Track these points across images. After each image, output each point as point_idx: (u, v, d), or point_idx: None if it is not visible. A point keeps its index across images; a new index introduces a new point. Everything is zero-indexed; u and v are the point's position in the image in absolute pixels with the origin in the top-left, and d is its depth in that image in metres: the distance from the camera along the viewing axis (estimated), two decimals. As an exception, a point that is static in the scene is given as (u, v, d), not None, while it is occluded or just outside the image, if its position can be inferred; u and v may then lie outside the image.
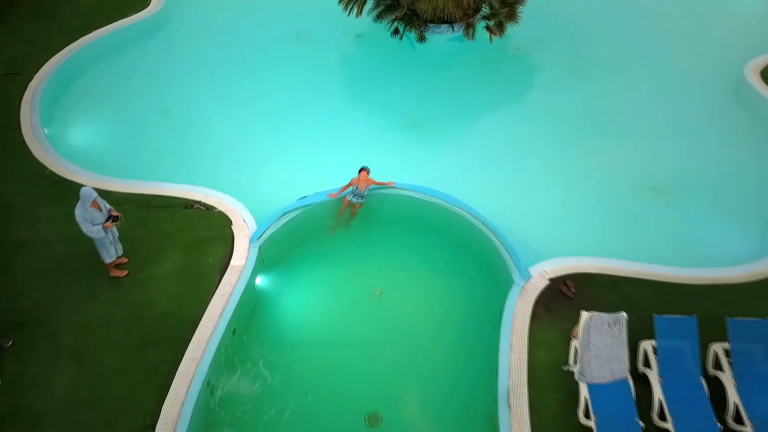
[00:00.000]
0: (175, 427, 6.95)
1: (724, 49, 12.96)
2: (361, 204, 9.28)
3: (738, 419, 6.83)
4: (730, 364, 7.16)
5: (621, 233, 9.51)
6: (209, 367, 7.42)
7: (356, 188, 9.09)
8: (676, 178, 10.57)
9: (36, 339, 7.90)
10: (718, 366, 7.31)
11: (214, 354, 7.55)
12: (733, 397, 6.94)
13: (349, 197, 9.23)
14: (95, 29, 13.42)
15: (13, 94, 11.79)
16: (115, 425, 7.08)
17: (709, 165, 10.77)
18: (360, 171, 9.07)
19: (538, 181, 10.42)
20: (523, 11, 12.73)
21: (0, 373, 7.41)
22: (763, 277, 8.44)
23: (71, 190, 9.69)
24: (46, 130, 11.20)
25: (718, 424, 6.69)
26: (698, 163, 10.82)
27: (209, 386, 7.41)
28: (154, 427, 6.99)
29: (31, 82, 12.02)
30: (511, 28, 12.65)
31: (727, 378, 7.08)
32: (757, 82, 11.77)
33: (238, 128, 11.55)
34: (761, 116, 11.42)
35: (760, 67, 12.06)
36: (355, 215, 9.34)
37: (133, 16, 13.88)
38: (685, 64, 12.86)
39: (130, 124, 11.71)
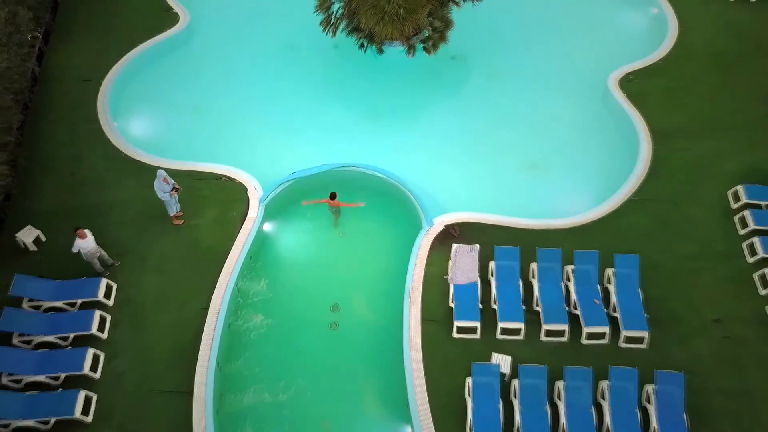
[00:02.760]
0: (218, 309, 12.19)
1: (598, 61, 17.47)
2: (339, 214, 13.77)
3: (537, 305, 12.04)
4: (539, 275, 12.32)
5: (500, 196, 14.48)
6: (237, 277, 12.62)
7: (329, 206, 13.64)
8: (549, 158, 15.45)
9: (131, 261, 13.08)
10: (533, 276, 12.48)
11: (239, 270, 12.71)
12: (536, 293, 12.13)
13: (329, 208, 13.72)
14: (141, 42, 17.88)
15: (90, 96, 16.45)
16: (184, 308, 12.32)
17: (572, 150, 15.60)
18: (330, 196, 13.15)
19: (452, 158, 15.28)
20: (461, 26, 17.01)
21: (115, 278, 12.61)
22: (576, 225, 13.49)
23: (139, 166, 14.73)
24: (116, 124, 16.02)
25: (524, 306, 11.92)
26: (565, 149, 15.64)
27: (237, 287, 12.64)
28: (207, 309, 12.23)
29: (101, 87, 16.69)
30: (449, 40, 16.94)
31: (535, 283, 12.27)
32: (615, 89, 16.44)
33: (248, 120, 16.28)
34: (616, 115, 16.13)
35: (618, 77, 16.68)
36: (337, 221, 13.86)
37: (168, 30, 18.32)
38: (570, 72, 17.42)
39: (173, 117, 16.50)
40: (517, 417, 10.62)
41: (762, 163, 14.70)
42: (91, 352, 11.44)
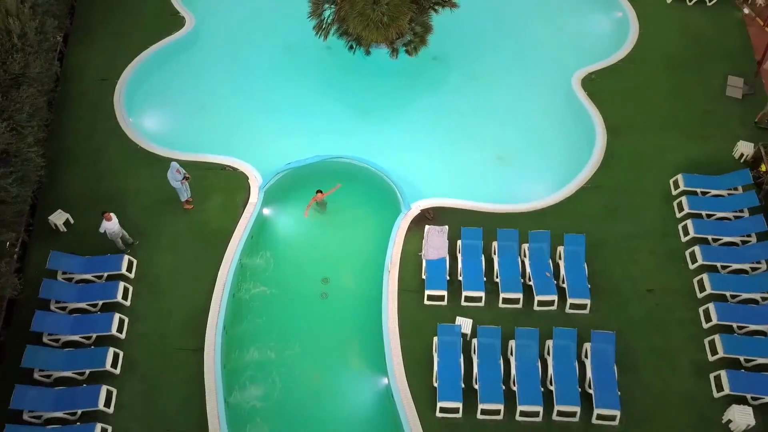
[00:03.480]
0: (224, 281, 14.28)
1: (564, 61, 19.36)
2: (324, 205, 15.76)
3: (496, 277, 14.10)
4: (498, 252, 14.41)
5: (470, 184, 16.45)
6: (240, 254, 14.69)
7: (316, 202, 15.60)
8: (515, 150, 17.44)
9: (149, 240, 15.14)
10: (494, 253, 14.56)
11: (242, 248, 14.78)
12: (496, 267, 14.22)
13: (315, 206, 15.70)
14: (151, 44, 19.75)
15: (107, 94, 18.38)
16: (195, 280, 14.40)
17: (536, 143, 17.58)
18: (317, 192, 15.16)
19: (430, 150, 17.19)
20: (442, 29, 18.87)
21: (135, 255, 14.70)
22: (535, 209, 15.54)
23: (153, 158, 16.73)
24: (131, 119, 18.01)
25: (485, 278, 14.01)
26: (530, 141, 17.61)
27: (240, 262, 14.73)
28: (214, 281, 14.32)
29: (117, 86, 18.63)
30: (430, 42, 18.80)
31: (495, 258, 14.36)
32: (578, 88, 18.40)
33: (249, 115, 18.19)
34: (577, 111, 18.09)
35: (581, 77, 18.63)
36: (324, 209, 15.90)
37: (175, 33, 20.19)
38: (538, 72, 19.30)
39: (181, 113, 18.42)
40: (475, 370, 12.77)
41: (701, 155, 16.72)
42: (117, 316, 13.56)
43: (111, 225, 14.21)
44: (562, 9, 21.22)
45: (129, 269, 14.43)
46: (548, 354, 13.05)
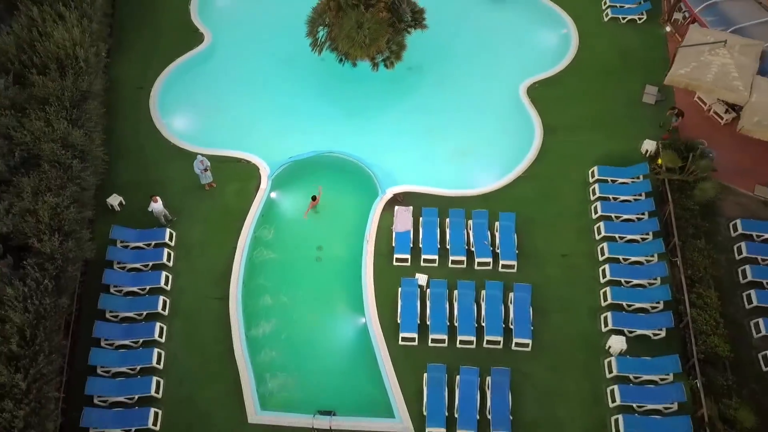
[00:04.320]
0: (243, 248, 19.02)
1: (514, 72, 23.80)
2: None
3: (447, 244, 18.85)
4: (450, 226, 19.11)
5: (432, 173, 21.07)
6: (253, 228, 19.42)
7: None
8: (471, 145, 22.03)
9: (183, 217, 19.84)
10: (447, 227, 19.27)
11: (255, 223, 19.52)
12: (448, 237, 18.95)
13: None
14: (177, 57, 24.21)
15: (143, 100, 22.90)
16: (220, 247, 19.11)
17: (488, 140, 22.17)
18: (312, 199, 19.61)
19: (403, 145, 21.77)
20: (417, 44, 23.23)
21: (174, 228, 19.42)
22: (481, 193, 20.21)
23: (182, 152, 21.34)
24: (164, 121, 22.59)
25: (438, 245, 18.75)
26: (484, 139, 22.20)
27: (254, 234, 19.46)
28: (235, 248, 19.05)
29: (151, 93, 23.17)
30: (406, 55, 23.13)
31: (447, 231, 19.07)
32: (524, 95, 22.92)
33: (258, 117, 22.70)
34: (522, 114, 22.63)
35: (527, 86, 23.14)
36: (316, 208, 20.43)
37: (196, 48, 24.64)
38: (494, 81, 23.72)
39: (203, 115, 22.97)
40: (428, 311, 17.57)
41: (616, 150, 21.30)
42: (164, 273, 18.36)
43: (157, 205, 18.93)
44: (516, 27, 25.64)
45: (170, 239, 19.16)
46: (482, 300, 17.83)
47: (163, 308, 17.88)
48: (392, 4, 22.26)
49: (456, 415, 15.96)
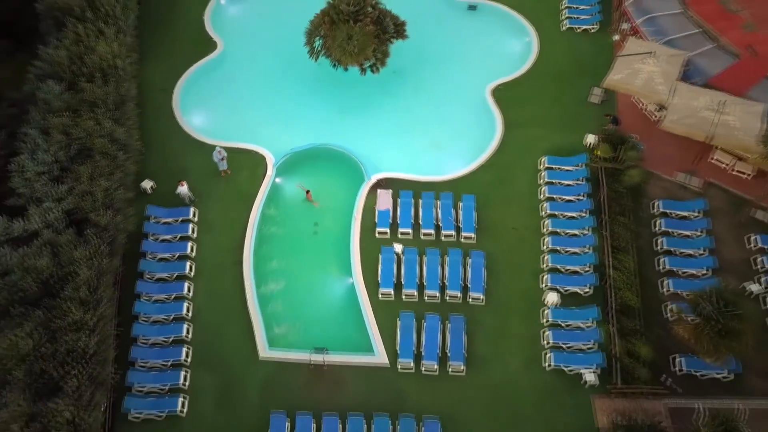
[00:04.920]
0: (254, 223, 23.55)
1: (482, 75, 28.13)
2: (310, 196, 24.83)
3: (419, 221, 23.34)
4: (422, 206, 23.62)
5: (410, 161, 25.54)
6: (262, 207, 23.94)
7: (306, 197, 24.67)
8: (444, 138, 26.45)
9: (204, 198, 24.33)
10: (419, 206, 23.78)
11: (263, 203, 24.04)
12: (420, 214, 23.47)
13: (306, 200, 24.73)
14: (194, 62, 28.56)
15: (166, 101, 27.27)
16: (235, 222, 23.64)
17: (459, 134, 26.59)
18: (306, 192, 24.31)
19: (386, 138, 26.22)
20: (401, 51, 27.51)
21: (197, 207, 23.94)
22: (449, 179, 24.66)
23: (201, 145, 25.80)
24: (184, 117, 27.03)
25: (412, 221, 23.27)
26: (455, 133, 26.63)
27: (261, 212, 23.97)
28: (247, 223, 23.56)
29: (173, 94, 27.57)
30: (389, 61, 27.40)
31: (420, 210, 23.61)
32: (489, 96, 27.31)
33: (265, 114, 27.14)
34: (487, 112, 27.02)
35: (492, 87, 27.51)
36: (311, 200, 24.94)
37: (210, 54, 28.98)
38: (465, 83, 28.05)
39: (218, 113, 27.38)
40: (403, 273, 22.11)
41: (563, 143, 25.67)
42: (190, 243, 22.91)
43: (183, 188, 23.45)
44: (486, 35, 29.92)
45: (194, 216, 23.68)
46: (446, 264, 22.36)
47: (190, 270, 22.43)
48: (377, 19, 26.56)
49: (422, 351, 20.53)
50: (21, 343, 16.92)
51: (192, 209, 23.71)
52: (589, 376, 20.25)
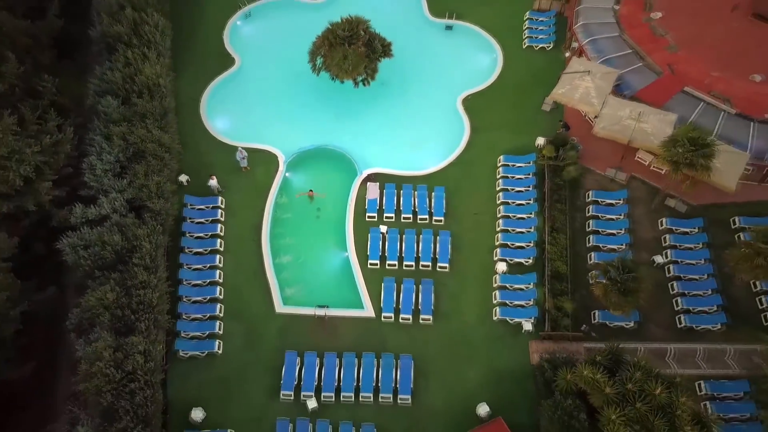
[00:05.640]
0: (269, 209, 30.20)
1: (455, 86, 34.54)
2: (312, 198, 31.35)
3: (401, 207, 29.99)
4: (402, 195, 30.22)
5: (395, 160, 32.13)
6: (275, 196, 30.57)
7: (306, 195, 31.20)
8: (423, 140, 33.03)
9: (228, 189, 30.99)
10: (401, 196, 30.39)
11: (276, 193, 30.66)
12: (401, 202, 30.09)
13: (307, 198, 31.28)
14: (217, 75, 34.98)
15: (195, 108, 33.79)
16: (253, 209, 30.31)
17: (435, 136, 33.14)
18: (309, 191, 30.95)
19: (376, 139, 32.81)
20: (386, 66, 33.91)
21: (224, 196, 30.57)
22: (425, 174, 31.27)
23: (225, 146, 32.41)
24: (211, 123, 33.57)
25: (395, 207, 29.92)
26: (432, 135, 33.19)
27: (275, 200, 30.64)
28: (263, 209, 30.23)
29: (200, 102, 34.05)
30: (378, 75, 33.78)
31: (401, 199, 30.23)
32: (459, 105, 33.78)
33: (277, 119, 33.67)
34: (457, 119, 33.52)
35: (462, 97, 33.95)
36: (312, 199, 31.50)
37: (230, 69, 35.39)
38: (441, 93, 34.50)
39: (237, 118, 33.93)
40: (386, 248, 28.78)
41: (519, 144, 32.21)
42: (219, 225, 29.58)
43: (213, 182, 30.08)
44: (459, 51, 36.39)
45: (222, 203, 30.32)
46: (420, 241, 29.02)
47: (220, 246, 29.10)
48: (368, 41, 32.95)
49: (400, 307, 27.28)
50: (106, 297, 23.61)
51: (220, 198, 30.31)
52: (527, 326, 26.99)
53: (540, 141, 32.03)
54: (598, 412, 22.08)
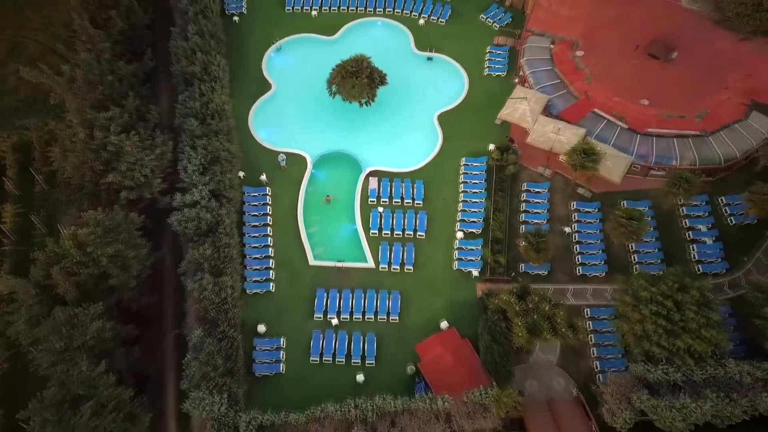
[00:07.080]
0: (302, 197, 45.06)
1: (433, 105, 48.96)
2: (329, 201, 45.99)
3: (394, 195, 44.76)
4: (394, 185, 45.00)
5: (389, 160, 46.85)
6: (306, 187, 45.40)
7: (325, 200, 45.75)
8: (407, 146, 47.66)
9: (272, 182, 45.81)
10: (393, 186, 45.15)
11: (306, 185, 45.42)
12: (394, 191, 44.86)
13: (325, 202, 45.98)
14: (258, 97, 49.51)
15: (245, 122, 48.42)
16: (291, 197, 45.25)
17: (417, 144, 47.75)
18: (327, 196, 45.65)
19: (376, 146, 47.55)
20: (384, 90, 48.13)
21: (270, 186, 45.37)
22: (411, 170, 46.02)
23: (269, 150, 47.20)
24: (256, 133, 48.22)
25: (389, 195, 44.75)
26: (415, 142, 47.81)
27: (306, 190, 45.47)
28: (298, 196, 45.07)
29: (248, 118, 48.60)
30: (379, 97, 47.98)
31: (395, 189, 44.99)
32: (436, 120, 48.32)
33: (305, 131, 48.36)
34: (434, 131, 48.06)
35: (438, 114, 48.44)
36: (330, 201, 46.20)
37: (267, 92, 49.87)
38: (423, 111, 49.02)
39: (276, 130, 48.59)
40: (382, 222, 43.67)
41: (477, 150, 47.00)
42: (268, 207, 44.50)
43: (263, 177, 44.91)
44: (437, 77, 51.07)
45: (269, 192, 45.14)
46: (405, 218, 43.83)
47: (269, 221, 43.96)
48: (369, 74, 47.38)
49: (391, 260, 42.26)
50: (205, 252, 38.53)
51: (267, 189, 45.08)
52: (475, 273, 41.94)
53: (491, 147, 46.59)
54: (512, 321, 37.15)
